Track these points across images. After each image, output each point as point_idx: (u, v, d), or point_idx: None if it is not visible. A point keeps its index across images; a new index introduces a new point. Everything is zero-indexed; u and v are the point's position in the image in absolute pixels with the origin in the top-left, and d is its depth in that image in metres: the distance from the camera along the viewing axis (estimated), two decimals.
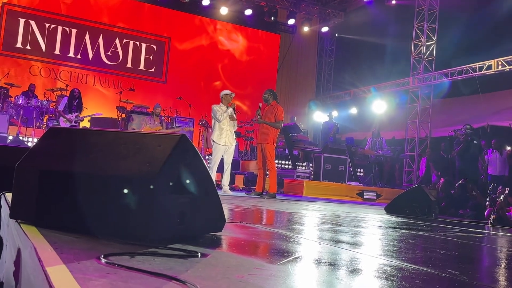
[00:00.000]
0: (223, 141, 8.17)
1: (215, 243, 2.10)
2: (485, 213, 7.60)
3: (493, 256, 2.88)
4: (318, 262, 1.84)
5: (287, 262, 1.72)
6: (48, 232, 1.91)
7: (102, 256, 1.45)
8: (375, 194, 11.18)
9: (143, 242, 1.82)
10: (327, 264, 1.79)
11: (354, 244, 2.56)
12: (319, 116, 16.17)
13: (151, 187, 1.93)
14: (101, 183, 2.04)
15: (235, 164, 12.29)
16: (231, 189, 9.08)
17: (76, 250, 1.60)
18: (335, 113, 15.31)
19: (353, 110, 16.10)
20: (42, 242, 1.70)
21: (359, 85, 16.25)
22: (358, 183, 11.77)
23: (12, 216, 2.21)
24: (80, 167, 2.13)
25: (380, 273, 1.69)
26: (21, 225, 2.07)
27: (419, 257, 2.32)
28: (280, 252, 2.00)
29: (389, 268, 1.80)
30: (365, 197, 11.00)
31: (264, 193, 8.24)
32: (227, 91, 8.46)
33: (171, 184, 2.03)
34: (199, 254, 1.70)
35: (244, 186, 11.41)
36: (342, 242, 2.60)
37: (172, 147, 2.05)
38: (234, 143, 8.47)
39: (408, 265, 1.91)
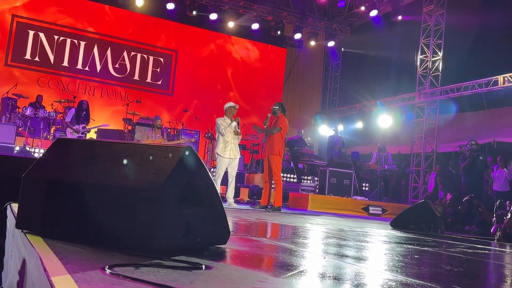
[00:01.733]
0: (228, 154, 8.21)
1: (220, 256, 2.09)
2: (492, 230, 7.53)
3: (499, 272, 2.86)
4: (323, 276, 1.83)
5: (291, 276, 1.71)
6: (54, 243, 1.91)
7: (107, 267, 1.46)
8: (380, 209, 11.13)
9: (148, 253, 1.82)
10: (331, 278, 1.79)
11: (359, 259, 2.55)
12: (324, 130, 16.17)
13: (157, 197, 1.94)
14: (107, 193, 2.05)
15: (240, 177, 12.28)
16: (236, 202, 9.07)
17: (81, 260, 1.60)
18: (340, 127, 15.32)
19: (359, 125, 16.11)
20: (47, 252, 1.70)
21: (365, 99, 16.26)
22: (363, 198, 11.72)
23: (18, 226, 2.22)
24: (86, 177, 2.14)
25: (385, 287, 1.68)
26: (27, 235, 2.08)
27: (425, 272, 2.31)
28: (284, 265, 2.00)
29: (394, 283, 1.79)
30: (370, 212, 10.95)
31: (269, 207, 8.22)
32: (230, 103, 8.51)
33: (176, 195, 2.04)
34: (204, 266, 1.70)
35: (248, 199, 11.39)
36: (347, 256, 2.59)
37: (178, 158, 2.06)
38: (239, 156, 8.50)
39: (414, 280, 1.90)
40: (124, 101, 14.54)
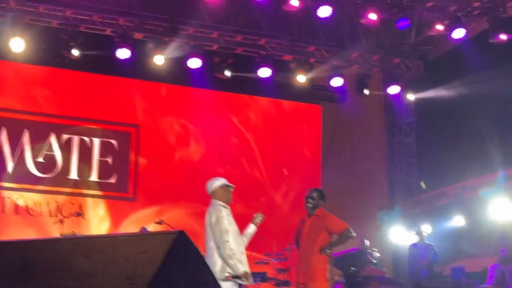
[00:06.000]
0: None
1: None
2: None
3: None
4: None
5: None
6: None
7: None
8: None
9: None
10: None
11: None
12: (399, 234, 16.17)
13: None
14: None
15: None
16: None
17: None
18: (427, 228, 15.30)
19: (459, 220, 16.03)
20: None
21: (465, 177, 16.29)
22: None
23: None
24: None
25: None
26: None
27: None
28: None
29: None
30: None
31: None
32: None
33: None
34: None
35: None
36: None
37: (164, 252, 2.20)
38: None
39: None
40: (55, 217, 14.61)
